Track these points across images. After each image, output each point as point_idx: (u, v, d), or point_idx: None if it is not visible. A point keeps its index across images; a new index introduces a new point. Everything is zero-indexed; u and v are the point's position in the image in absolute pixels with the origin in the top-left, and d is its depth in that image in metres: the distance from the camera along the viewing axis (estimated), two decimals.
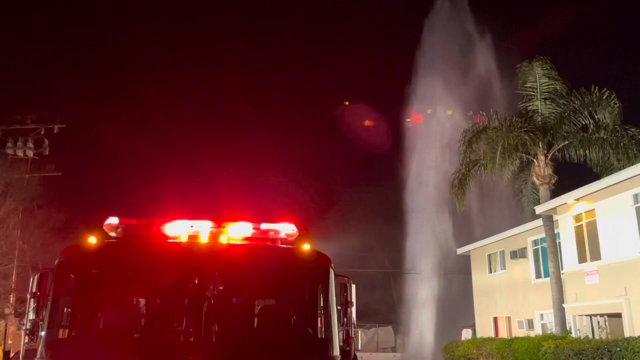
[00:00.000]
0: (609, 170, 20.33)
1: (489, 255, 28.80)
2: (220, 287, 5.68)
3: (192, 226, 5.84)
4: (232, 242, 5.83)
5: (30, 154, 25.15)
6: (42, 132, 25.36)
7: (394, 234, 37.61)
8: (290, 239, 6.06)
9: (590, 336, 17.55)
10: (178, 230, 5.82)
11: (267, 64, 69.61)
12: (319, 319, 5.83)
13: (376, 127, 50.81)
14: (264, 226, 6.00)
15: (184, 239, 5.76)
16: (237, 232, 5.90)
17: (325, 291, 5.80)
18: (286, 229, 6.02)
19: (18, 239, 22.65)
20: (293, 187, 44.23)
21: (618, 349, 13.36)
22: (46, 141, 25.32)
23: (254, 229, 5.95)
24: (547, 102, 21.73)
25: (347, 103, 55.95)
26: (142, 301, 5.99)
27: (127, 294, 5.85)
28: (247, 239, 5.94)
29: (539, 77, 21.78)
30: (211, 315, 5.36)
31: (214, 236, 5.82)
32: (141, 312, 5.91)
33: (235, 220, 6.03)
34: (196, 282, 5.57)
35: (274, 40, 67.82)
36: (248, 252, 5.86)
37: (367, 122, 53.97)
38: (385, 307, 42.37)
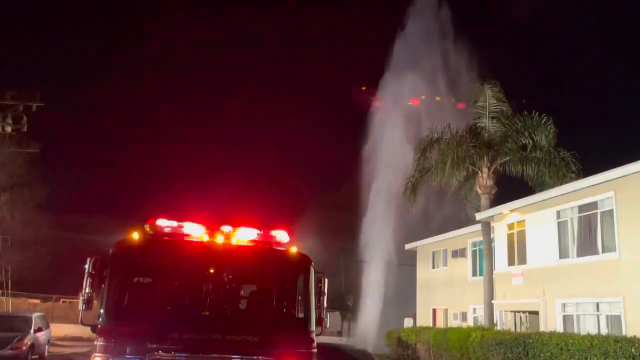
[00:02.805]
0: (542, 186, 22.65)
1: (433, 253, 31.01)
2: (231, 277, 7.75)
3: (212, 229, 7.81)
4: (240, 243, 7.84)
5: (8, 129, 25.85)
6: (21, 109, 25.99)
7: (349, 226, 39.36)
8: (283, 242, 8.07)
9: (513, 329, 19.75)
10: (200, 232, 7.79)
11: (275, 64, 69.92)
12: (301, 303, 7.96)
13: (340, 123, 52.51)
14: (266, 232, 8.01)
15: (205, 239, 7.74)
16: (245, 235, 7.89)
17: (306, 283, 7.91)
18: (281, 235, 8.04)
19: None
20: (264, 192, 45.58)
21: (531, 340, 15.20)
22: (25, 118, 25.98)
23: (257, 234, 7.95)
24: (494, 121, 24.03)
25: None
26: (173, 284, 7.96)
27: (161, 278, 7.85)
28: (252, 241, 7.94)
29: (488, 98, 24.09)
30: (224, 297, 7.47)
31: (227, 237, 7.80)
32: (173, 293, 7.87)
33: (243, 225, 8.01)
34: (212, 272, 7.65)
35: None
36: (251, 252, 7.89)
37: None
38: (334, 294, 44.29)
